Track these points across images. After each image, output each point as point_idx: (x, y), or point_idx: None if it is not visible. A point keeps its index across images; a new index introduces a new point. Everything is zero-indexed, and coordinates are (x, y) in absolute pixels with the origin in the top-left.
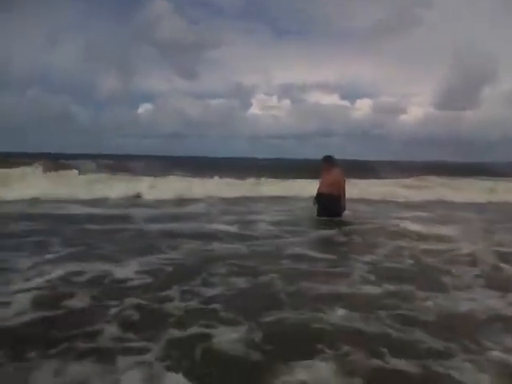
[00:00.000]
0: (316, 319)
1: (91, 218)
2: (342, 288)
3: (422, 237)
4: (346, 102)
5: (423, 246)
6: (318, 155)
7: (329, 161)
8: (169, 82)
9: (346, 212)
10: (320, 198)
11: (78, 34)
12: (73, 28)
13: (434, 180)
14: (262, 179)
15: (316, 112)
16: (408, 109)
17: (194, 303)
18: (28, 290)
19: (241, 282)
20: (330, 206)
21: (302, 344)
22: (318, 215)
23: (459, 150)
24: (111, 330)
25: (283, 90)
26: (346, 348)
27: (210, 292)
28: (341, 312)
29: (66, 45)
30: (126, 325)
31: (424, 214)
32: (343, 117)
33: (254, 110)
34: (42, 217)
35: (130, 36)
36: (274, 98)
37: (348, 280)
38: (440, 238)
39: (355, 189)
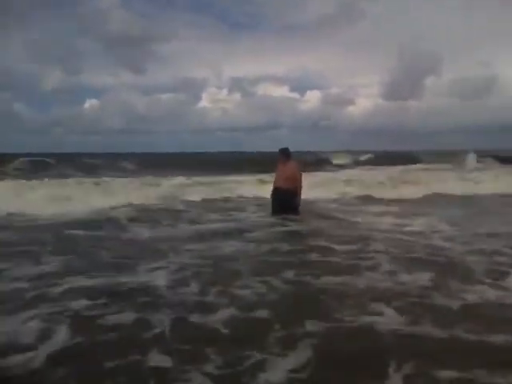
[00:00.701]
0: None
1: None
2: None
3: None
4: (295, 95)
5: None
6: (268, 147)
7: (285, 153)
8: (116, 76)
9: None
10: (277, 192)
11: (19, 29)
12: (14, 23)
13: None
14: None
15: (266, 105)
16: (356, 100)
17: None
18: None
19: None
20: (287, 201)
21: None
22: (273, 213)
23: (402, 140)
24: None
25: (233, 83)
26: None
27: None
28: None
29: (6, 40)
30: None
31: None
32: (293, 109)
33: (204, 103)
34: None
35: (75, 30)
36: (224, 92)
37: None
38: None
39: None
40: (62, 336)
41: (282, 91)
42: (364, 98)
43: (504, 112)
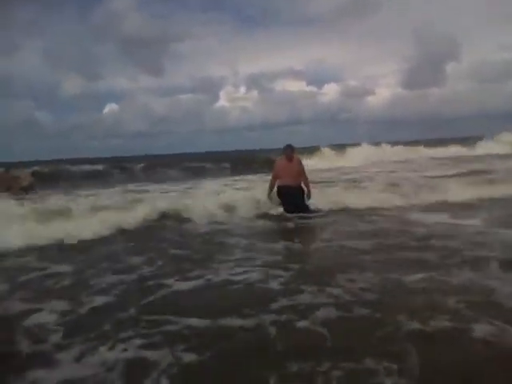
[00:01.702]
0: None
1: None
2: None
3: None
4: (313, 88)
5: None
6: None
7: (291, 149)
8: (134, 79)
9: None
10: (285, 191)
11: (35, 36)
12: (30, 30)
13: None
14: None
15: (284, 100)
16: (375, 90)
17: None
18: None
19: None
20: (298, 199)
21: None
22: (286, 211)
23: (427, 127)
24: None
25: (250, 80)
26: None
27: None
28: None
29: (24, 48)
30: None
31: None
32: (311, 103)
33: (222, 102)
34: None
35: (91, 34)
36: (242, 90)
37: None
38: None
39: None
40: None
41: (299, 85)
42: (383, 87)
43: None
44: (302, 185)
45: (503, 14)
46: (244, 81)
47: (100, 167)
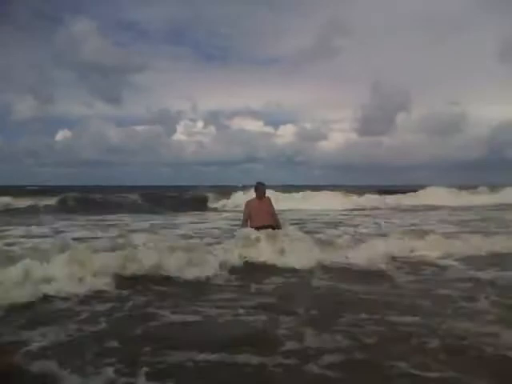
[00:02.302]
0: None
1: None
2: None
3: None
4: (270, 129)
5: None
6: (243, 181)
7: (263, 188)
8: (90, 107)
9: None
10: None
11: None
12: None
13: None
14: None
15: (241, 138)
16: (329, 134)
17: None
18: None
19: None
20: None
21: None
22: None
23: (375, 174)
24: None
25: (208, 116)
26: None
27: None
28: None
29: None
30: None
31: None
32: (267, 143)
33: (179, 136)
34: None
35: (48, 59)
36: (200, 124)
37: None
38: None
39: None
40: None
41: (256, 125)
42: (337, 132)
43: (468, 149)
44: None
45: (453, 69)
46: (202, 116)
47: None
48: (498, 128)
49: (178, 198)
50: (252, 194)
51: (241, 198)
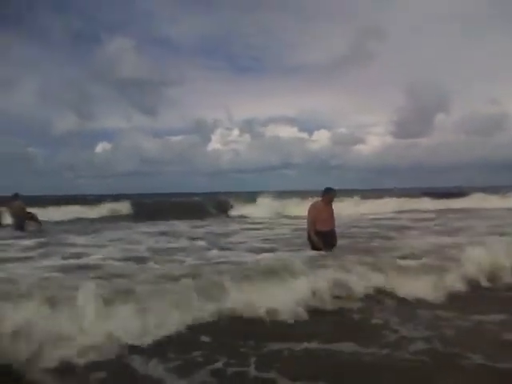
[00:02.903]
0: None
1: None
2: None
3: None
4: (304, 134)
5: None
6: (279, 187)
7: (334, 193)
8: (128, 120)
9: None
10: (327, 236)
11: (32, 76)
12: (27, 69)
13: None
14: None
15: (275, 145)
16: (365, 138)
17: None
18: None
19: None
20: (334, 242)
21: None
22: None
23: (413, 176)
24: None
25: (243, 124)
26: None
27: None
28: None
29: (20, 87)
30: None
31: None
32: (302, 148)
33: (215, 145)
34: None
35: (87, 75)
36: (235, 133)
37: None
38: None
39: None
40: None
41: (290, 131)
42: (373, 136)
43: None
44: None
45: (493, 70)
46: (237, 125)
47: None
48: None
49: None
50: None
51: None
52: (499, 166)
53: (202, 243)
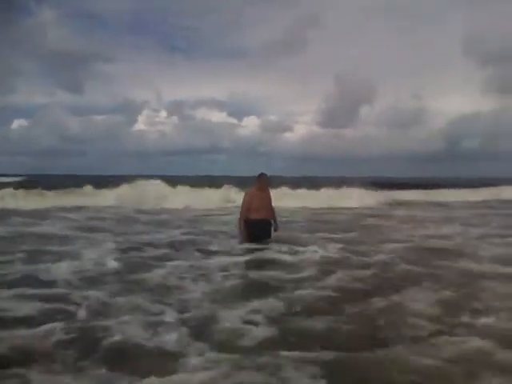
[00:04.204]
0: None
1: None
2: None
3: None
4: (233, 120)
5: None
6: (206, 171)
7: (267, 179)
8: (50, 95)
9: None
10: (258, 225)
11: None
12: None
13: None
14: None
15: (204, 129)
16: (293, 127)
17: None
18: None
19: None
20: (266, 233)
21: None
22: (250, 241)
23: (337, 165)
24: None
25: (172, 106)
26: None
27: None
28: None
29: None
30: None
31: None
32: (231, 133)
33: (141, 126)
34: None
35: (9, 46)
36: (163, 114)
37: None
38: None
39: None
40: None
41: (220, 116)
42: (301, 124)
43: (427, 142)
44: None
45: (417, 66)
46: (165, 106)
47: None
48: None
49: None
50: None
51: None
52: (419, 158)
53: None
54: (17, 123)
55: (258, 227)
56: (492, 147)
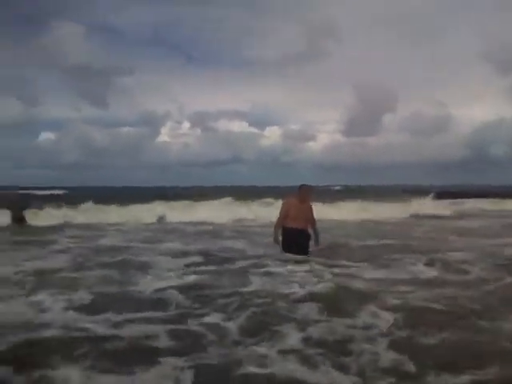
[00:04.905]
0: None
1: None
2: None
3: None
4: (255, 130)
5: None
6: (229, 182)
7: (309, 190)
8: (75, 109)
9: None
10: (294, 234)
11: None
12: None
13: None
14: None
15: (226, 139)
16: (316, 135)
17: None
18: None
19: None
20: (303, 244)
21: None
22: (286, 251)
23: (360, 174)
24: None
25: (194, 117)
26: None
27: None
28: None
29: None
30: None
31: None
32: (253, 144)
33: (164, 137)
34: None
35: (34, 61)
36: (185, 126)
37: None
38: None
39: None
40: None
41: (242, 126)
42: (323, 133)
43: (452, 149)
44: (310, 230)
45: (438, 73)
46: (187, 117)
47: None
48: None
49: None
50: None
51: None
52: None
53: None
54: (44, 136)
55: (294, 236)
56: None
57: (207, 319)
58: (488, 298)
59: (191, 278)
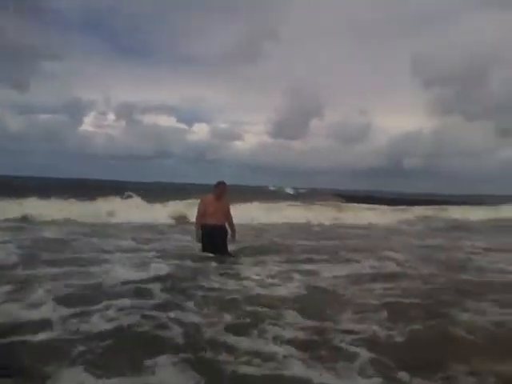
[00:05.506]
0: None
1: None
2: None
3: None
4: (183, 125)
5: None
6: (154, 178)
7: (224, 187)
8: None
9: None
10: (211, 230)
11: None
12: None
13: None
14: None
15: (153, 133)
16: (243, 136)
17: None
18: None
19: None
20: (220, 240)
21: None
22: (205, 250)
23: (284, 177)
24: None
25: (121, 109)
26: None
27: None
28: None
29: None
30: None
31: None
32: (180, 139)
33: (88, 127)
34: None
35: None
36: (111, 117)
37: None
38: None
39: None
40: None
41: (170, 121)
42: (251, 134)
43: (372, 156)
44: (226, 225)
45: (369, 83)
46: (114, 109)
47: None
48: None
49: None
50: None
51: None
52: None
53: None
54: None
55: (213, 232)
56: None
57: None
58: None
59: None
